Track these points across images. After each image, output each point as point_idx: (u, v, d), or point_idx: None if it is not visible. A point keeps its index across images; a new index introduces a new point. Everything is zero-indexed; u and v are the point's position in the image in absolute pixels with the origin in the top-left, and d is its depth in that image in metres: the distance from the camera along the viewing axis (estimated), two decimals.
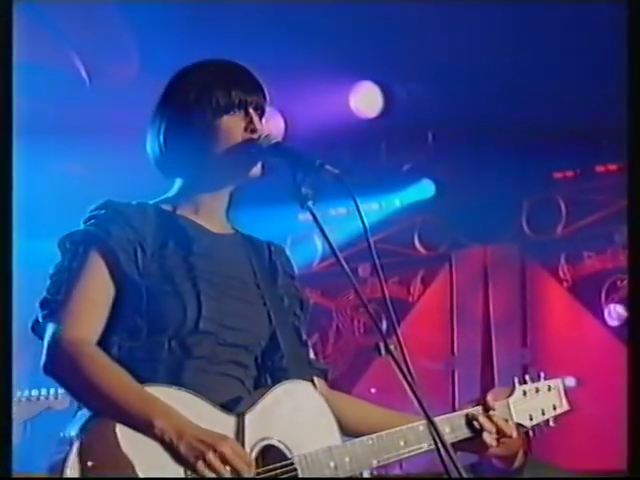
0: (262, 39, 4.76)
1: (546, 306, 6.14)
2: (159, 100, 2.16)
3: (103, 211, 2.02)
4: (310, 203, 1.94)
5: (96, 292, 1.97)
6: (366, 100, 5.75)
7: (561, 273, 6.05)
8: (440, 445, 1.79)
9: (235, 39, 4.60)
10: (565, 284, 6.05)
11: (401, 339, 1.83)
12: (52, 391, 4.82)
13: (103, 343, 1.95)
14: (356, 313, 6.70)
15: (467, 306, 6.31)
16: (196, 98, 2.09)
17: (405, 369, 1.81)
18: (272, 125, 2.31)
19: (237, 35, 4.71)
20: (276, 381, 2.09)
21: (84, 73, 5.21)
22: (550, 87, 5.12)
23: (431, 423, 1.82)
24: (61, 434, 1.86)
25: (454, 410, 2.24)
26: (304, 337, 2.20)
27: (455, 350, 6.27)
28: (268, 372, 2.12)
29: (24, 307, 2.17)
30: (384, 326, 1.91)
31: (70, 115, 5.20)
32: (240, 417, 1.93)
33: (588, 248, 5.95)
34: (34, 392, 4.81)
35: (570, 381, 5.73)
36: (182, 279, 2.00)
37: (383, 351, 1.83)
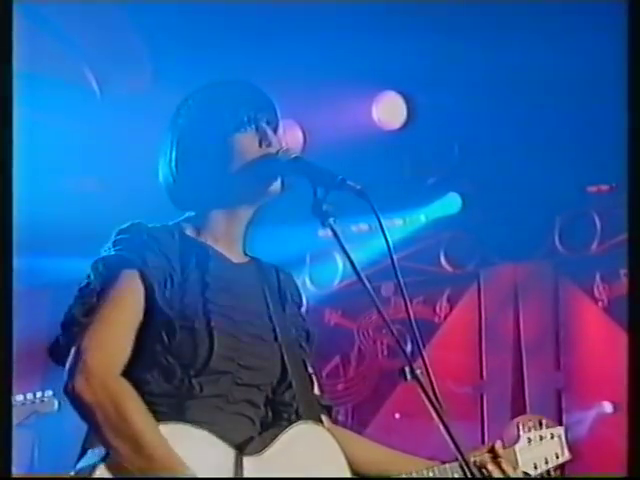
0: (279, 48, 4.79)
1: (581, 327, 6.09)
2: (167, 127, 2.18)
3: (137, 235, 2.03)
4: (332, 220, 1.95)
5: (128, 321, 1.97)
6: (389, 111, 5.77)
7: (596, 292, 6.01)
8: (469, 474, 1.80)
9: (252, 49, 4.63)
10: (600, 304, 6.00)
11: (427, 362, 1.83)
12: (38, 394, 4.83)
13: (136, 380, 1.95)
14: (379, 334, 6.68)
15: (496, 327, 6.28)
16: (204, 121, 2.12)
17: (432, 394, 1.81)
18: (290, 137, 2.34)
19: (254, 44, 4.73)
20: (278, 415, 2.12)
21: (94, 84, 5.25)
22: (583, 96, 5.11)
23: (458, 451, 1.82)
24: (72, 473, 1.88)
25: (482, 436, 2.26)
26: (310, 370, 2.22)
27: (484, 374, 6.23)
28: (270, 405, 2.13)
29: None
30: (409, 348, 1.91)
31: (80, 128, 5.24)
32: (238, 457, 1.96)
33: (625, 265, 5.91)
34: (19, 397, 4.81)
35: (607, 407, 5.69)
36: (201, 314, 2.01)
37: (409, 375, 1.84)
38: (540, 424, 2.46)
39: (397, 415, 6.22)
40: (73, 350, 1.92)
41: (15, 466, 2.10)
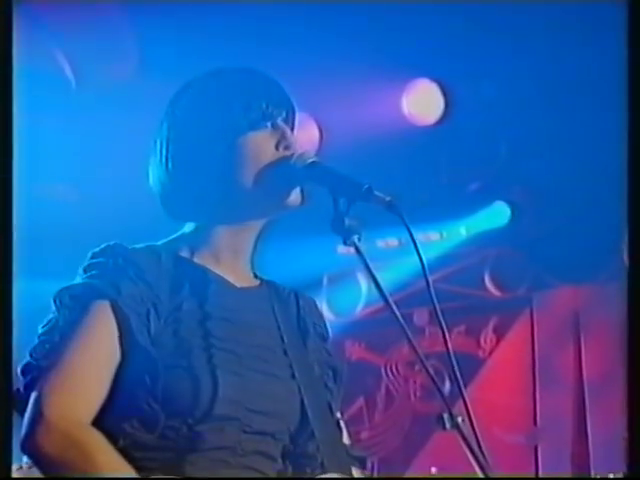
0: (288, 29, 4.80)
1: None
2: (162, 119, 2.17)
3: (111, 259, 2.01)
4: (356, 238, 1.94)
5: (97, 361, 1.96)
6: (422, 102, 5.78)
7: None
8: None
9: (256, 31, 4.64)
10: None
11: (469, 406, 1.82)
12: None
13: (110, 432, 1.94)
14: (411, 371, 6.68)
15: (553, 363, 6.26)
16: (211, 114, 2.11)
17: (475, 447, 1.80)
18: (304, 135, 2.34)
19: (258, 26, 4.75)
20: (300, 470, 2.11)
21: (69, 72, 5.28)
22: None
23: None
24: None
25: None
26: (337, 416, 2.20)
27: (538, 419, 6.22)
28: (289, 458, 2.13)
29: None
30: (447, 388, 1.91)
31: (51, 123, 5.27)
32: None
33: None
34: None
35: None
36: (198, 350, 2.00)
37: (447, 424, 1.83)
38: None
39: (433, 469, 6.20)
40: (32, 398, 1.92)
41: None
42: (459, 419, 1.81)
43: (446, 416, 1.82)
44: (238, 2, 4.69)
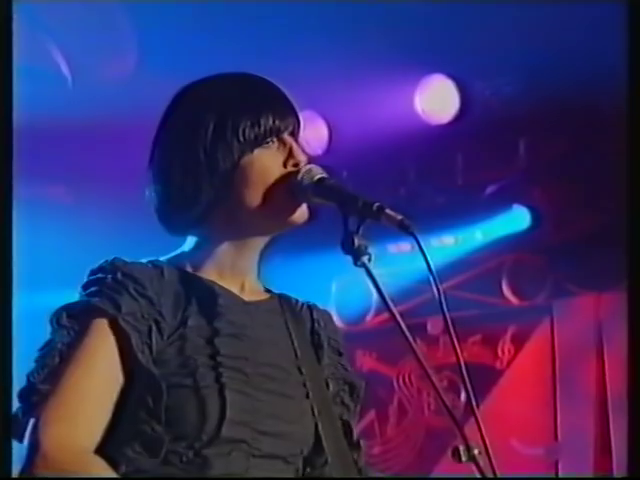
0: (294, 21, 4.80)
1: None
2: (159, 129, 2.14)
3: (110, 275, 2.00)
4: (366, 259, 1.94)
5: (98, 384, 1.95)
6: (437, 100, 5.77)
7: None
8: None
9: (260, 24, 4.64)
10: None
11: (483, 429, 1.81)
12: None
13: (111, 458, 1.94)
14: (425, 384, 6.66)
15: (574, 374, 6.24)
16: (215, 130, 2.07)
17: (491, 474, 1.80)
18: (313, 134, 2.33)
19: (263, 19, 4.75)
20: None
21: (65, 69, 5.29)
22: None
23: None
24: None
25: None
26: (355, 436, 2.19)
27: (559, 434, 6.19)
28: None
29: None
30: (462, 401, 1.90)
31: (46, 122, 5.28)
32: None
33: None
34: None
35: None
36: (204, 369, 1.98)
37: (464, 457, 1.82)
38: None
39: None
40: (30, 426, 1.91)
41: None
42: (475, 451, 1.81)
43: (462, 448, 1.82)
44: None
